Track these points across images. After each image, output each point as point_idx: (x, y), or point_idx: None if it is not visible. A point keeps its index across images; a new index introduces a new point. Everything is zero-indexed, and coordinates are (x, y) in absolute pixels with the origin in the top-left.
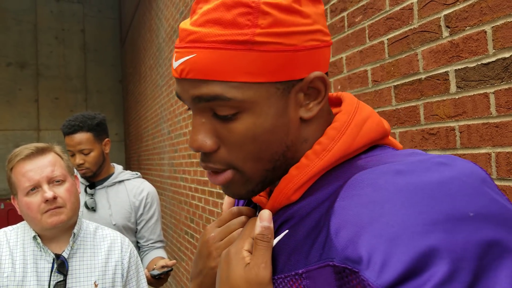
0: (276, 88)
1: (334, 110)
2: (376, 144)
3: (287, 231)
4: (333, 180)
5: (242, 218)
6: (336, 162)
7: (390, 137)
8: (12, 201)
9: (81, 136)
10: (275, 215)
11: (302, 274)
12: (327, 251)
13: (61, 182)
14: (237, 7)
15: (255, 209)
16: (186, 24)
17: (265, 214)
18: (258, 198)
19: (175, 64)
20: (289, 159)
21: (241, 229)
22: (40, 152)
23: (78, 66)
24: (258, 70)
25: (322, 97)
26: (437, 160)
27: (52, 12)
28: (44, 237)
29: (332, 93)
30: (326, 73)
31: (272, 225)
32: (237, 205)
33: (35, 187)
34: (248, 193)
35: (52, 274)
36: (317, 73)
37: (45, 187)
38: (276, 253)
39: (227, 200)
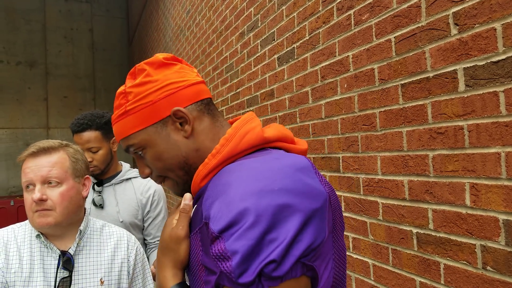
0: (155, 128)
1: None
2: (263, 147)
3: (196, 206)
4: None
5: (180, 202)
6: (226, 159)
7: (292, 139)
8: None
9: (90, 134)
10: (194, 196)
11: (197, 230)
12: (205, 215)
13: (56, 184)
14: (119, 96)
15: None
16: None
17: (187, 196)
18: None
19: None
20: (193, 164)
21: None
22: (44, 151)
23: (87, 65)
24: (137, 123)
25: (190, 120)
26: (275, 156)
27: (60, 12)
28: (50, 234)
29: (242, 115)
30: (204, 100)
31: (190, 202)
32: None
33: (30, 185)
34: (184, 191)
35: (58, 271)
36: (174, 109)
37: (37, 187)
38: (192, 220)
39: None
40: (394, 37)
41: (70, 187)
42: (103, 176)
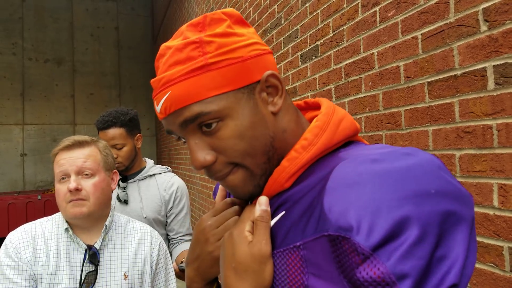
0: (241, 93)
1: (314, 112)
2: (351, 141)
3: (283, 212)
4: (321, 169)
5: (236, 207)
6: (320, 154)
7: (359, 136)
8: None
9: (114, 131)
10: (270, 201)
11: (300, 246)
12: (321, 225)
13: (90, 175)
14: (187, 46)
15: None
16: (156, 78)
17: (263, 199)
18: None
19: (158, 108)
20: (278, 149)
21: (236, 217)
22: (78, 144)
23: (112, 63)
24: (221, 84)
25: (281, 90)
26: (403, 151)
27: (87, 10)
28: (77, 228)
29: (311, 99)
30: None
31: (269, 208)
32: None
33: (65, 176)
34: (255, 188)
35: (84, 265)
36: (268, 72)
37: (72, 177)
38: (274, 232)
39: (219, 193)
40: (421, 34)
41: (102, 179)
42: (127, 172)
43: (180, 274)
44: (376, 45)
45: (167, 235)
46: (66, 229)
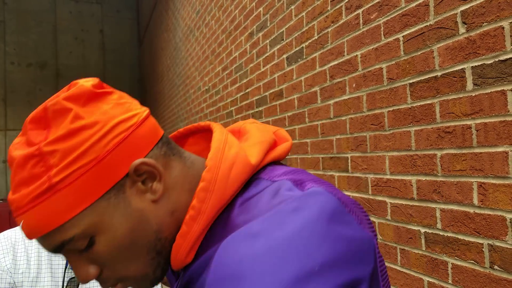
0: (106, 200)
1: (209, 144)
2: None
3: None
4: (216, 237)
5: None
6: (213, 218)
7: (275, 143)
8: None
9: None
10: (183, 274)
11: None
12: None
13: None
14: (27, 162)
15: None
16: (10, 195)
17: None
18: None
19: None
20: (169, 235)
21: None
22: None
23: (97, 66)
24: (76, 202)
25: (158, 174)
26: (291, 206)
27: (71, 13)
28: None
29: (202, 123)
30: (162, 137)
31: None
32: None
33: None
34: (152, 283)
35: (66, 271)
36: (136, 162)
37: None
38: None
39: None
40: (403, 36)
41: None
42: None
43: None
44: (359, 47)
45: None
46: None
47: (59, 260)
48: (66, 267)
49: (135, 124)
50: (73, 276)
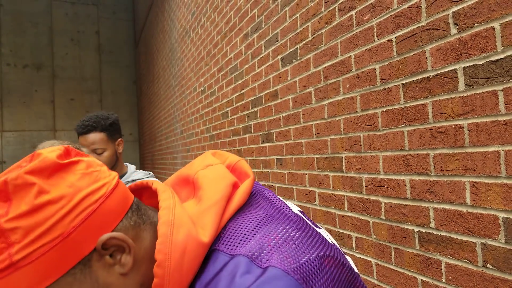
0: (71, 276)
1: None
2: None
3: None
4: None
5: None
6: None
7: (236, 185)
8: None
9: (95, 136)
10: None
11: None
12: None
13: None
14: None
15: None
16: None
17: None
18: None
19: None
20: None
21: None
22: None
23: (93, 68)
24: (38, 279)
25: (128, 247)
26: None
27: (67, 15)
28: None
29: (148, 181)
30: (132, 205)
31: None
32: None
33: None
34: None
35: None
36: (104, 237)
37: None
38: None
39: None
40: (395, 37)
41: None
42: None
43: None
44: (353, 48)
45: None
46: None
47: None
48: None
49: (103, 196)
50: None
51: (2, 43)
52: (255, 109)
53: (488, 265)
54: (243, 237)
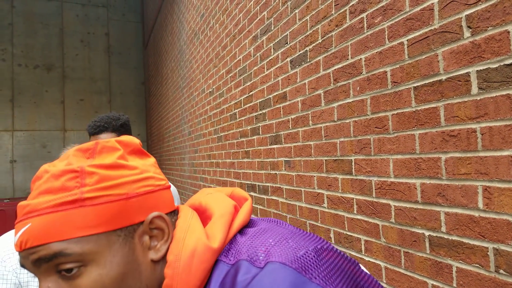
0: (116, 236)
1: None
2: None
3: None
4: None
5: None
6: None
7: (237, 209)
8: None
9: (106, 137)
10: None
11: None
12: None
13: None
14: (64, 175)
15: None
16: (22, 202)
17: None
18: None
19: (15, 238)
20: None
21: None
22: None
23: (103, 69)
24: (93, 223)
25: (167, 235)
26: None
27: (77, 16)
28: None
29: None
30: (174, 212)
31: None
32: None
33: None
34: None
35: None
36: (155, 213)
37: None
38: None
39: None
40: (407, 40)
41: None
42: None
43: None
44: (363, 51)
45: None
46: None
47: None
48: None
49: (163, 186)
50: None
51: (14, 44)
52: (264, 111)
53: (501, 271)
54: (243, 246)
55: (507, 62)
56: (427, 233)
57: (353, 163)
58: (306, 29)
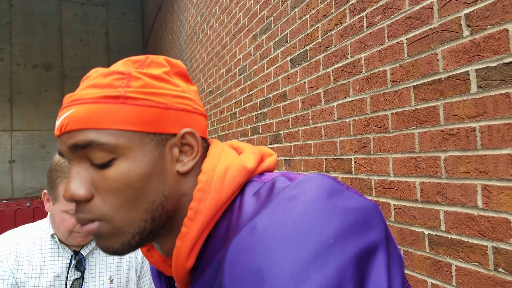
0: (149, 139)
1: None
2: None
3: None
4: (217, 239)
5: None
6: (212, 219)
7: (262, 161)
8: (43, 195)
9: None
10: (192, 283)
11: None
12: None
13: None
14: (112, 74)
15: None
16: (70, 94)
17: None
18: (163, 267)
19: (57, 124)
20: (170, 212)
21: None
22: None
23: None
24: (131, 121)
25: (196, 152)
26: (289, 194)
27: (76, 15)
28: None
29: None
30: (203, 138)
31: None
32: (158, 282)
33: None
34: (123, 247)
35: (70, 271)
36: (187, 129)
37: None
38: None
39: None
40: (406, 39)
41: None
42: None
43: None
44: (363, 50)
45: None
46: (52, 235)
47: (63, 260)
48: (69, 267)
49: (200, 111)
50: (77, 277)
51: (12, 43)
52: (264, 110)
53: (500, 269)
54: (276, 175)
55: (506, 60)
56: (426, 232)
57: (353, 162)
58: (306, 28)
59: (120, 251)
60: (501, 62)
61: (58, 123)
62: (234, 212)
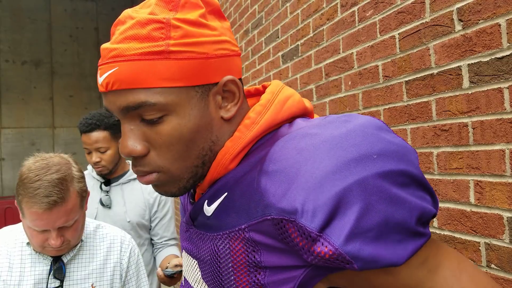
0: (195, 92)
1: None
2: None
3: (226, 193)
4: (263, 146)
5: None
6: (264, 132)
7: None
8: (15, 203)
9: (98, 135)
10: (215, 183)
11: (245, 228)
12: (262, 208)
13: (71, 224)
14: (151, 24)
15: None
16: (106, 45)
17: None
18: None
19: (100, 79)
20: (217, 153)
21: None
22: (55, 204)
23: (92, 64)
24: (176, 76)
25: (238, 98)
26: (342, 119)
27: (66, 11)
28: None
29: (268, 83)
30: (240, 79)
31: None
32: (184, 200)
33: (44, 230)
34: (180, 190)
35: (50, 277)
36: (229, 77)
37: (54, 233)
38: (217, 215)
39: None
40: (398, 34)
41: (81, 218)
42: (110, 176)
43: (165, 279)
44: (355, 45)
45: (151, 239)
46: (28, 244)
47: (43, 266)
48: (49, 274)
49: (236, 51)
50: (56, 286)
51: (0, 40)
52: None
53: (492, 265)
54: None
55: (498, 55)
56: None
57: None
58: (297, 23)
59: (177, 194)
60: (493, 57)
61: (102, 79)
62: (280, 131)
